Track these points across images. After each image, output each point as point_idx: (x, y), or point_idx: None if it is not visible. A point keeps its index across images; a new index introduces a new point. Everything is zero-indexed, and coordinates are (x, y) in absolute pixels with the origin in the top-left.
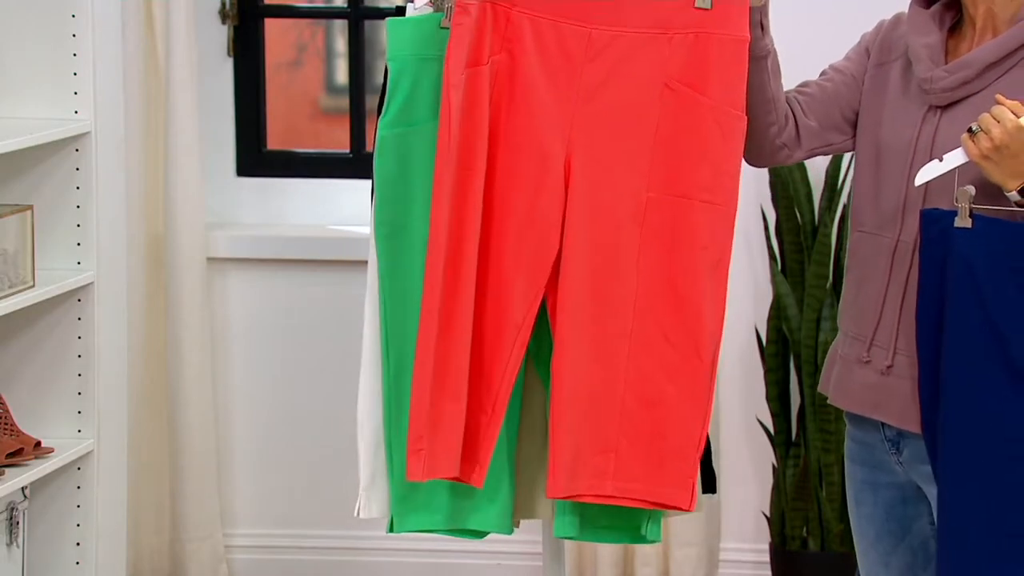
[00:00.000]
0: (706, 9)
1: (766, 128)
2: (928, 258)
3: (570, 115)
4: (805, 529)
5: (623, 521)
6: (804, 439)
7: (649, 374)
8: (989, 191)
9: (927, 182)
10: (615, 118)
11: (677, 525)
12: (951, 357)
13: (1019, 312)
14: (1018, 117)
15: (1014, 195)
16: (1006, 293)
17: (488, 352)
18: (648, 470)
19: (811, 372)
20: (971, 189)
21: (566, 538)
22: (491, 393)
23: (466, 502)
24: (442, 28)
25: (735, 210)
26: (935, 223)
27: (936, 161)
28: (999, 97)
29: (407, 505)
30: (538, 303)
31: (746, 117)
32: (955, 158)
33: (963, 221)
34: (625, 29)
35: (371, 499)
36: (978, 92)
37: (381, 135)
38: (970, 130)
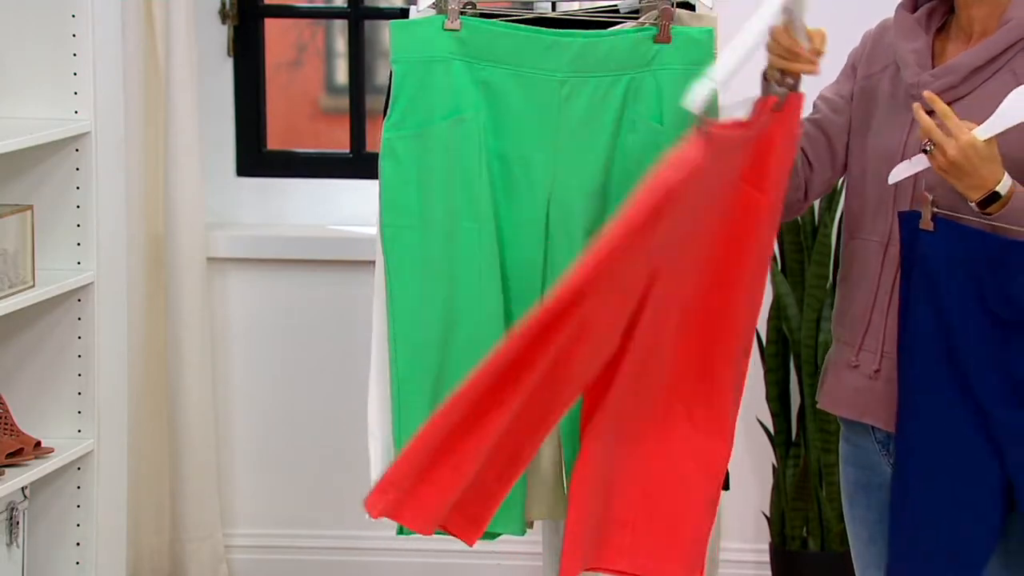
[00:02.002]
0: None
1: (790, 193)
2: (905, 259)
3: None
4: (805, 529)
5: None
6: (804, 439)
7: (676, 457)
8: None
9: (899, 181)
10: (698, 222)
11: None
12: (906, 359)
13: (970, 316)
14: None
15: (974, 206)
16: (960, 296)
17: (529, 435)
18: (661, 549)
19: (811, 372)
20: (930, 194)
21: None
22: (516, 470)
23: None
24: (446, 30)
25: (763, 299)
26: (908, 223)
27: (907, 161)
28: (946, 111)
29: None
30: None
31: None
32: (922, 160)
33: (926, 224)
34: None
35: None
36: (965, 96)
37: (386, 138)
38: (925, 150)
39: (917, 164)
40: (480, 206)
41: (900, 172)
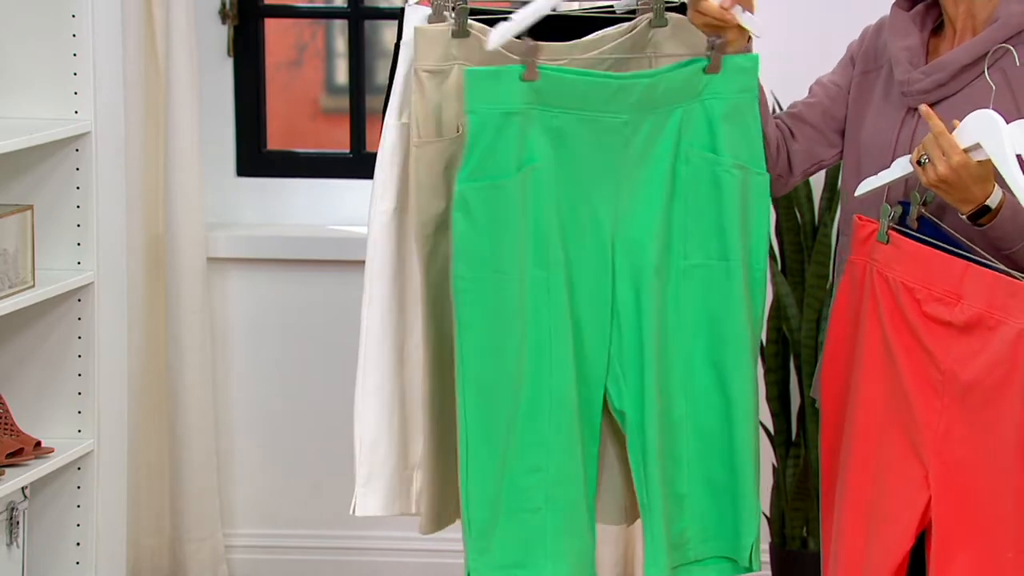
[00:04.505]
0: None
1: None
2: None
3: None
4: (805, 529)
5: (720, 553)
6: (804, 439)
7: None
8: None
9: (866, 193)
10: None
11: None
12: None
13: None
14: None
15: (965, 218)
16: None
17: None
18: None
19: (811, 372)
20: (891, 207)
21: None
22: None
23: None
24: (523, 81)
25: None
26: (902, 215)
27: (874, 176)
28: (940, 128)
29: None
30: None
31: None
32: (895, 170)
33: (912, 221)
34: None
35: (367, 496)
36: (954, 94)
37: (460, 190)
38: (920, 163)
39: (886, 176)
40: (549, 253)
41: (867, 185)
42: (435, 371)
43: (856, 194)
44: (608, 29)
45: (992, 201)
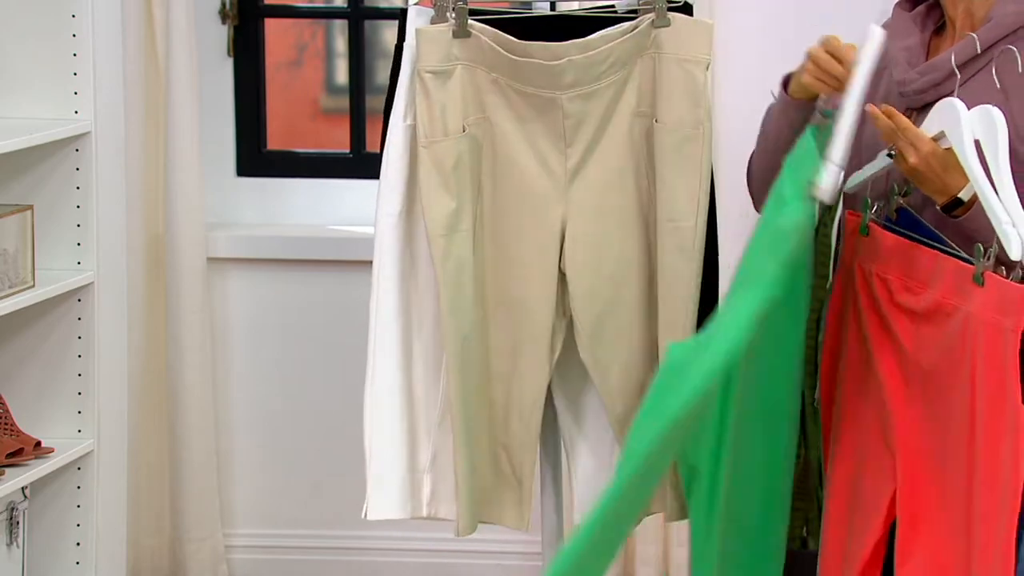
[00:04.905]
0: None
1: None
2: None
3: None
4: (805, 529)
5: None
6: (804, 439)
7: None
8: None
9: (854, 187)
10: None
11: (677, 525)
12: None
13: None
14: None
15: (939, 209)
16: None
17: None
18: None
19: (811, 372)
20: (873, 201)
21: None
22: None
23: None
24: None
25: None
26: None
27: (859, 171)
28: (905, 123)
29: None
30: None
31: None
32: (878, 163)
33: (891, 212)
34: None
35: (379, 500)
36: (949, 94)
37: (764, 298)
38: (890, 154)
39: (869, 170)
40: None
41: (853, 179)
42: (459, 372)
43: (845, 189)
44: (609, 29)
45: (965, 194)
